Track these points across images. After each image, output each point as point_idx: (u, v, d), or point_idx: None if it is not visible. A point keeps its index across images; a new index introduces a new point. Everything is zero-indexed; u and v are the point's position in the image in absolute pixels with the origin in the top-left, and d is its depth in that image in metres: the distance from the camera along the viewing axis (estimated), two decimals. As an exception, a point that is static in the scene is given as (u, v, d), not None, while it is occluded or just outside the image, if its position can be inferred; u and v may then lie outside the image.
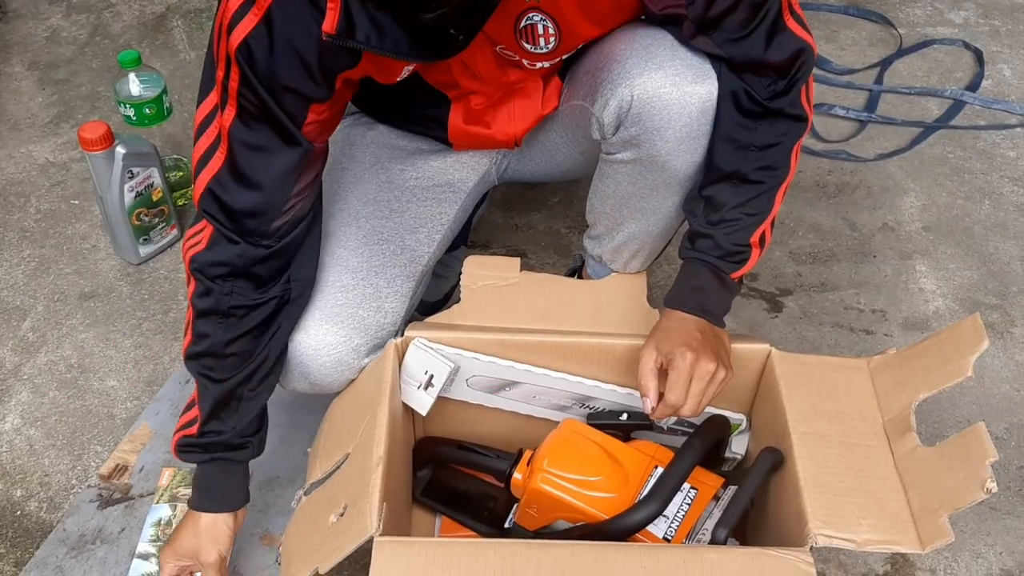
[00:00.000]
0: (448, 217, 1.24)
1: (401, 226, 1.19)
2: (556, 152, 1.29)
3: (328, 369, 1.10)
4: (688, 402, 0.99)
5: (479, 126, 1.21)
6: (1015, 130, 1.90)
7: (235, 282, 1.03)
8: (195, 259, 1.02)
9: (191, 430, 1.08)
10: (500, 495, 1.15)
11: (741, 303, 1.55)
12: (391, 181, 1.22)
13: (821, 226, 1.70)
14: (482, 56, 1.11)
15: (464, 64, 1.12)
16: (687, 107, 1.04)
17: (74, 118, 1.92)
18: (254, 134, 0.96)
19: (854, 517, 0.92)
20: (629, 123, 1.07)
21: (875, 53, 2.11)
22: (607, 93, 1.07)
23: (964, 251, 1.66)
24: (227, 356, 1.05)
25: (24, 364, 1.46)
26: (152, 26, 2.17)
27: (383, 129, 1.28)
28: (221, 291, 1.02)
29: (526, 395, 1.14)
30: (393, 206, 1.20)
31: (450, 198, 1.25)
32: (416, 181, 1.24)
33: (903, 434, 0.99)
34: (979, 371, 1.44)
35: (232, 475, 1.10)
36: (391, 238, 1.17)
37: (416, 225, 1.20)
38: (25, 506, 1.28)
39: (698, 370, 0.99)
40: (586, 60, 1.14)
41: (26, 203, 1.73)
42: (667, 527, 1.00)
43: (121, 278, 1.59)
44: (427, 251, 1.20)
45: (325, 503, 0.99)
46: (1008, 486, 1.31)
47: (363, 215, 1.17)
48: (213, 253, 1.01)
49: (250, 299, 1.04)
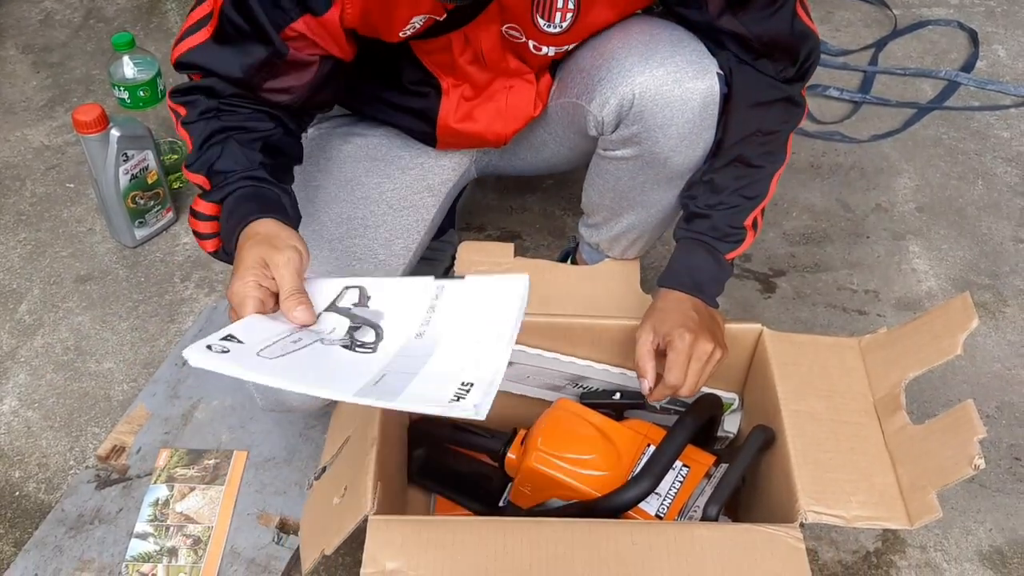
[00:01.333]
0: (425, 223, 1.24)
1: (375, 242, 1.18)
2: (543, 148, 1.29)
3: (303, 397, 1.09)
4: (687, 382, 1.00)
5: (468, 122, 1.19)
6: (1009, 110, 1.91)
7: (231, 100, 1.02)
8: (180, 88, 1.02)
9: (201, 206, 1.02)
10: (495, 474, 1.16)
11: (735, 284, 1.56)
12: (367, 197, 1.20)
13: (815, 207, 1.71)
14: (487, 34, 1.09)
15: (467, 39, 1.10)
16: (689, 103, 1.04)
17: (69, 101, 1.92)
18: (235, 23, 0.97)
19: (844, 494, 0.93)
20: (630, 121, 1.07)
21: (870, 34, 2.10)
22: (606, 91, 1.07)
23: (957, 231, 1.66)
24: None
25: (21, 347, 1.47)
26: (146, 9, 2.16)
27: (360, 142, 1.25)
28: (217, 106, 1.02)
29: (520, 375, 1.15)
30: (368, 222, 1.19)
31: (428, 202, 1.25)
32: (393, 192, 1.22)
33: (893, 412, 1.00)
34: (971, 350, 1.45)
35: (268, 193, 1.00)
36: (364, 256, 1.16)
37: (391, 238, 1.19)
38: (24, 487, 1.29)
39: (696, 351, 1.00)
40: (579, 58, 1.14)
41: (22, 187, 1.74)
42: (659, 504, 1.01)
43: (117, 261, 1.60)
44: (403, 261, 1.20)
45: (330, 486, 1.00)
46: (999, 463, 1.32)
47: (336, 236, 1.15)
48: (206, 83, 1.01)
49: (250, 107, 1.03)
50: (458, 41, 1.10)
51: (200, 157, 1.00)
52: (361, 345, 0.86)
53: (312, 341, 0.85)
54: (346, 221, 1.17)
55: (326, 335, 0.86)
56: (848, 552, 1.22)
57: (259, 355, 0.79)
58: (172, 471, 1.27)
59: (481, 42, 1.11)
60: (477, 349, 0.84)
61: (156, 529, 1.21)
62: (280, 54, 0.99)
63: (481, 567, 0.86)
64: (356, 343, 0.86)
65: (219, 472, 1.27)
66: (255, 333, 0.83)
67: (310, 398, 1.07)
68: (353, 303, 0.90)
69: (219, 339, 0.79)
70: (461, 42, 1.11)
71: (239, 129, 1.01)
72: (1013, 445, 1.34)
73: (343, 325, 0.88)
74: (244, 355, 0.78)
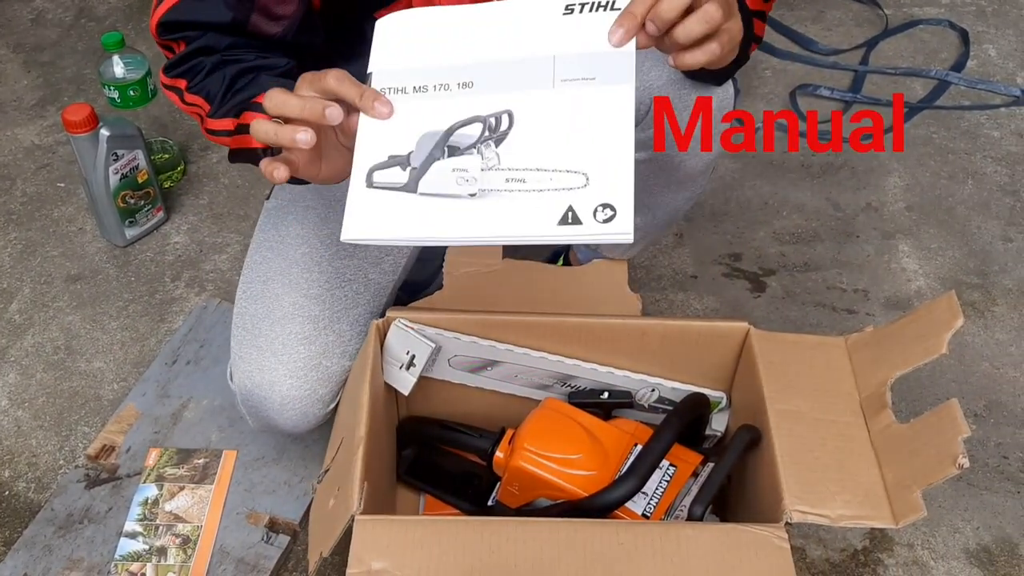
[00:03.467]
0: None
1: (365, 261, 1.16)
2: None
3: (295, 421, 1.09)
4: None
5: None
6: (999, 110, 1.91)
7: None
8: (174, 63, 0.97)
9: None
10: (483, 474, 1.16)
11: (724, 283, 1.56)
12: None
13: (805, 206, 1.71)
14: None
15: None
16: (705, 106, 1.02)
17: (60, 100, 1.91)
18: None
19: (829, 493, 0.93)
20: (645, 125, 1.05)
21: (861, 33, 2.11)
22: None
23: (946, 231, 1.67)
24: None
25: (11, 346, 1.47)
26: (137, 8, 2.16)
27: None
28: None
29: (508, 374, 1.15)
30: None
31: None
32: None
33: (879, 411, 1.00)
34: (959, 349, 1.46)
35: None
36: (354, 277, 1.15)
37: (380, 256, 1.18)
38: (13, 486, 1.29)
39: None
40: None
41: (12, 186, 1.74)
42: (646, 504, 1.02)
43: (107, 260, 1.60)
44: (392, 278, 1.19)
45: (327, 489, 1.00)
46: (986, 462, 1.32)
47: (325, 258, 1.14)
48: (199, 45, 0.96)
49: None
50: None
51: (229, 100, 0.94)
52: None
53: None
54: (336, 242, 1.15)
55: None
56: (836, 550, 1.23)
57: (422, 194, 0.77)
58: (161, 470, 1.28)
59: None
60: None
61: (145, 528, 1.21)
62: None
63: (467, 567, 0.86)
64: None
65: (208, 471, 1.27)
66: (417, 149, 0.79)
67: (300, 419, 1.08)
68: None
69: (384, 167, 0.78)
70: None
71: (261, 68, 0.96)
72: (1001, 444, 1.34)
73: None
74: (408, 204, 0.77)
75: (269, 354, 1.08)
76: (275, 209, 1.19)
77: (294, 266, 1.12)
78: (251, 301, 1.12)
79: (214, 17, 0.96)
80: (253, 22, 0.97)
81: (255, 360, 1.08)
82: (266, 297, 1.11)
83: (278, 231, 1.16)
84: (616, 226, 0.74)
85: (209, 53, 0.97)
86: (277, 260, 1.13)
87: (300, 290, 1.11)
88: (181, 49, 0.97)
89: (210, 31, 0.96)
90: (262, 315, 1.10)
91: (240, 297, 1.14)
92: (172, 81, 0.99)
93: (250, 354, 1.09)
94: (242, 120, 0.93)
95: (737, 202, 1.72)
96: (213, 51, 0.97)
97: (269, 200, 1.21)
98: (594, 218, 0.75)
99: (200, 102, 0.97)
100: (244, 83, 0.94)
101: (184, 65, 0.97)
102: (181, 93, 0.99)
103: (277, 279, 1.12)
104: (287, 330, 1.09)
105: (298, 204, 1.17)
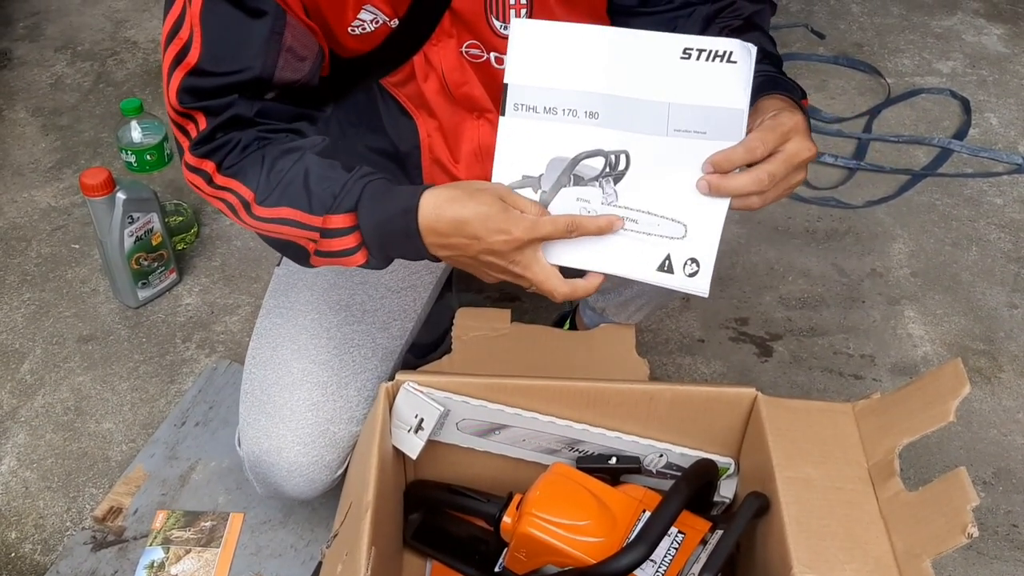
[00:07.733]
0: (423, 301, 1.23)
1: (373, 326, 1.17)
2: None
3: (302, 487, 1.10)
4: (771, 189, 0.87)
5: (449, 176, 1.14)
6: (1002, 177, 1.94)
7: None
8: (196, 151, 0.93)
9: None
10: (490, 539, 1.16)
11: (731, 348, 1.57)
12: (365, 280, 1.19)
13: (811, 272, 1.73)
14: (446, 52, 1.03)
15: (427, 61, 1.04)
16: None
17: (76, 163, 1.95)
18: (221, 15, 0.89)
19: (838, 561, 0.93)
20: None
21: (864, 102, 2.14)
22: None
23: (952, 297, 1.68)
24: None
25: (22, 407, 1.47)
26: (155, 74, 2.21)
27: None
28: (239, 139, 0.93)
29: (516, 438, 1.15)
30: (367, 306, 1.18)
31: (426, 280, 1.23)
32: (392, 274, 1.20)
33: (887, 479, 1.00)
34: (967, 416, 1.46)
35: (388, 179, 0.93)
36: (362, 342, 1.15)
37: (388, 321, 1.19)
38: (20, 548, 1.29)
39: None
40: None
41: (27, 247, 1.76)
42: (655, 571, 1.01)
43: (119, 321, 1.61)
44: (399, 343, 1.19)
45: (336, 554, 1.00)
46: (996, 531, 1.31)
47: (334, 324, 1.14)
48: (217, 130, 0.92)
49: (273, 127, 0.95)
50: (420, 66, 1.05)
51: (274, 186, 0.91)
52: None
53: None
54: (344, 308, 1.16)
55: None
56: (846, 620, 1.21)
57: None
58: (168, 533, 1.27)
59: (441, 62, 1.04)
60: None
61: (151, 592, 1.21)
62: (281, 13, 0.91)
63: (475, 634, 0.86)
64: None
65: (215, 534, 1.27)
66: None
67: (307, 486, 1.09)
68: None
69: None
70: (423, 66, 1.05)
71: (299, 148, 0.93)
72: (1010, 512, 1.34)
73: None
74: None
75: (277, 420, 1.09)
76: (285, 276, 1.20)
77: (303, 333, 1.13)
78: (260, 367, 1.13)
79: (243, 63, 0.91)
80: (280, 69, 0.93)
81: (263, 427, 1.09)
82: (275, 363, 1.12)
83: (288, 297, 1.17)
84: (697, 283, 0.84)
85: (240, 125, 0.92)
86: (286, 326, 1.14)
87: (309, 356, 1.11)
88: (203, 125, 0.92)
89: (234, 92, 0.91)
90: (271, 381, 1.11)
91: (249, 363, 1.15)
92: (198, 163, 0.93)
93: (258, 420, 1.10)
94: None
95: (743, 267, 1.73)
96: (244, 122, 0.92)
97: (279, 267, 1.22)
98: (683, 270, 0.84)
99: (235, 185, 0.92)
100: (290, 163, 0.91)
101: (212, 143, 0.92)
102: (210, 177, 0.93)
103: (286, 345, 1.13)
104: (295, 397, 1.09)
105: (308, 271, 1.18)
